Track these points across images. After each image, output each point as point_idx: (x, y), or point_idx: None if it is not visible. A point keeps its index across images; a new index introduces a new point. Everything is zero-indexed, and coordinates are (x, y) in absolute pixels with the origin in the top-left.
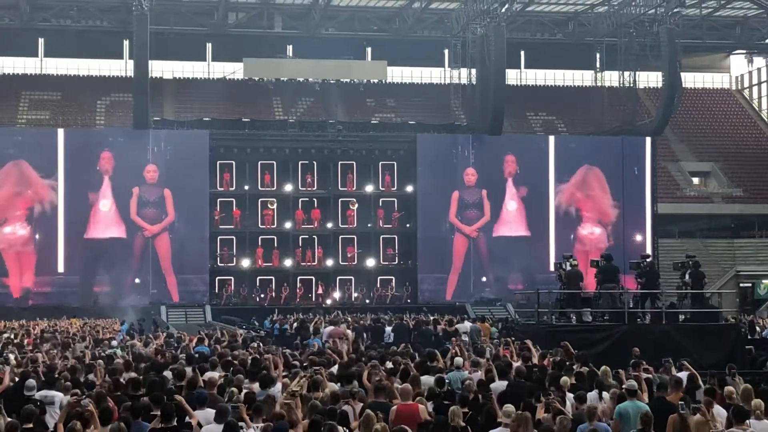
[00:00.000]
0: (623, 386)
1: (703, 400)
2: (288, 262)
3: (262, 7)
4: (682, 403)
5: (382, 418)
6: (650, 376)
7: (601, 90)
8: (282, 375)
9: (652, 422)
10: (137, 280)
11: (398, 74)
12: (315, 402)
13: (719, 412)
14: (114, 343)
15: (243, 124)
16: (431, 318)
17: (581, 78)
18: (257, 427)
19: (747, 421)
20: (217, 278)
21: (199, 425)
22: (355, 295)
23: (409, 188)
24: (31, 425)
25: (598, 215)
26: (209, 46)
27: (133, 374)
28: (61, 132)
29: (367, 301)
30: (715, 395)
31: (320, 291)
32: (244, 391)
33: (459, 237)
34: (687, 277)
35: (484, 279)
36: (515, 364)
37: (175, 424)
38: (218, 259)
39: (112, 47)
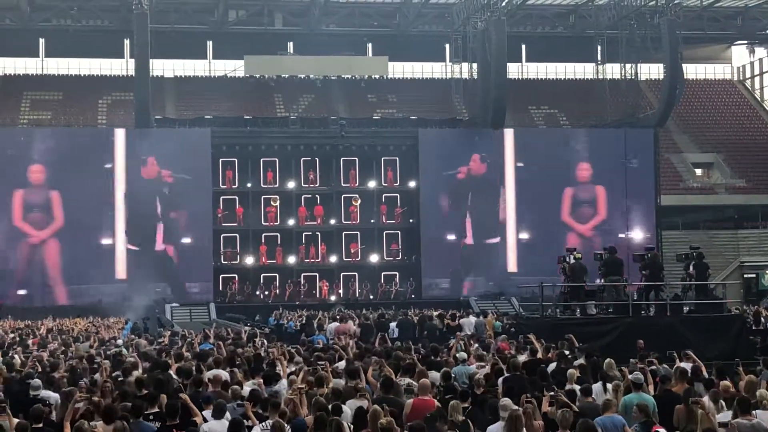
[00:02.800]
0: (629, 377)
1: (705, 391)
2: (291, 259)
3: (262, 4)
4: (687, 395)
5: (388, 413)
6: (655, 367)
7: (603, 83)
8: (287, 371)
9: (648, 413)
10: (141, 279)
11: (399, 70)
12: (319, 398)
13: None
14: (119, 342)
15: (245, 121)
16: (435, 313)
17: (582, 71)
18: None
19: (753, 411)
20: (221, 276)
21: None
22: (359, 291)
23: (412, 183)
24: (40, 425)
25: (605, 208)
26: (210, 43)
27: (138, 373)
28: (60, 131)
29: (372, 296)
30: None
31: (324, 288)
32: (249, 388)
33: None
34: (691, 268)
35: (487, 274)
36: (520, 357)
37: (179, 422)
38: (222, 257)
39: (112, 46)
